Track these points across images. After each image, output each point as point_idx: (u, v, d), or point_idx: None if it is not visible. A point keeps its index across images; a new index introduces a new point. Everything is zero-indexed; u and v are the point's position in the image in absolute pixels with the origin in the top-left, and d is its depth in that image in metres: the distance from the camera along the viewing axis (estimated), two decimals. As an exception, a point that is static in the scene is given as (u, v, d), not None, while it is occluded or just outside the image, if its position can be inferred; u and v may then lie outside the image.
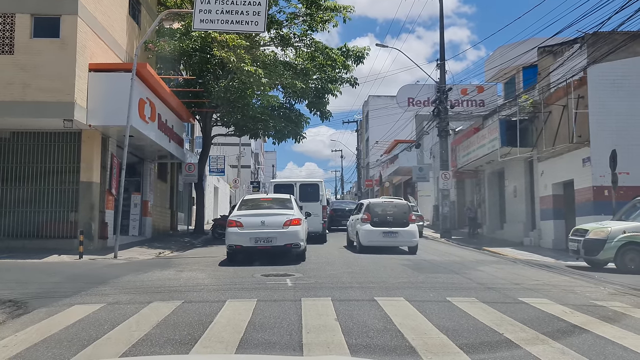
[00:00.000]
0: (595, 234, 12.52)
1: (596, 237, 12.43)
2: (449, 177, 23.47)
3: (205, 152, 23.84)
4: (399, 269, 11.13)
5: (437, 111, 23.91)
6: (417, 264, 12.27)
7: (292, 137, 24.73)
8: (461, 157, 23.61)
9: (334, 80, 24.18)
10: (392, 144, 41.08)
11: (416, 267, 11.56)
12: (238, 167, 60.90)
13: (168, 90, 18.40)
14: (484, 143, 20.23)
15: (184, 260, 13.19)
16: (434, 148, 32.67)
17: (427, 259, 13.43)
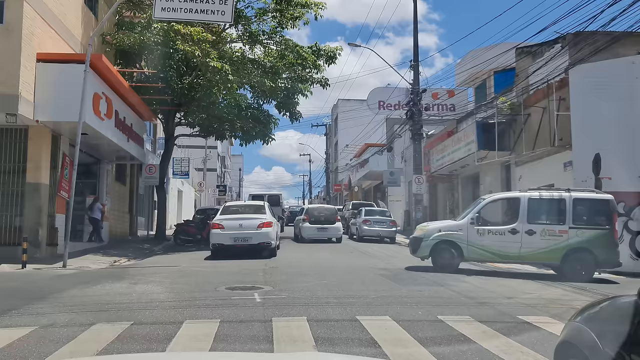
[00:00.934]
0: (417, 231, 13.18)
1: (417, 235, 12.98)
2: (422, 182, 22.79)
3: (167, 153, 22.56)
4: (377, 280, 10.21)
5: (410, 114, 23.22)
6: (395, 274, 11.37)
7: (260, 138, 23.68)
8: (435, 161, 22.97)
9: (304, 80, 23.24)
10: (362, 148, 40.38)
11: (395, 277, 10.66)
12: (204, 170, 59.26)
13: (127, 85, 17.10)
14: (460, 146, 19.59)
15: (141, 271, 11.98)
16: (406, 152, 32.03)
17: (403, 268, 12.55)
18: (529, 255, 12.01)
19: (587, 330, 2.89)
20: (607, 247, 11.53)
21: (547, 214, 12.24)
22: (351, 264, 13.54)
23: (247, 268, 12.04)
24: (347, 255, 15.70)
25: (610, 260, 11.52)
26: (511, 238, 11.92)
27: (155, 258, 15.90)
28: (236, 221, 15.30)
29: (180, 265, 12.79)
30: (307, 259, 15.11)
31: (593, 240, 11.54)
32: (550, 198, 12.29)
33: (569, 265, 11.61)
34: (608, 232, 11.60)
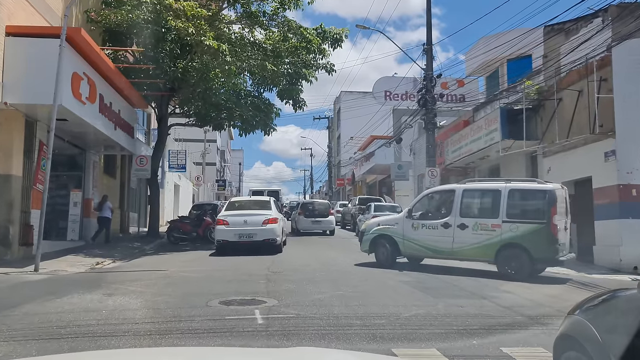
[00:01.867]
0: (363, 226, 13.34)
1: (362, 229, 13.20)
2: (436, 175, 21.07)
3: (160, 143, 20.81)
4: (403, 289, 8.51)
5: (423, 101, 21.47)
6: (420, 281, 9.67)
7: (261, 128, 21.91)
8: (450, 152, 21.26)
9: (308, 65, 21.52)
10: (367, 140, 38.61)
11: (422, 286, 8.95)
12: (203, 164, 57.65)
13: (112, 66, 15.36)
14: (480, 136, 17.87)
15: (122, 276, 10.29)
16: (415, 144, 30.31)
17: (427, 273, 10.85)
18: (461, 251, 11.25)
19: (587, 323, 2.90)
20: (543, 243, 10.39)
21: (481, 207, 11.55)
22: (364, 267, 11.88)
23: (247, 272, 10.36)
24: (357, 255, 14.06)
25: (546, 258, 10.48)
26: (444, 233, 11.35)
27: (143, 259, 14.20)
28: (241, 217, 15.10)
29: (169, 269, 11.09)
30: (314, 260, 13.45)
31: (528, 235, 10.50)
32: (485, 190, 11.74)
33: (503, 262, 10.71)
34: (544, 227, 10.41)
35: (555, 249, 10.37)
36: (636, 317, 2.62)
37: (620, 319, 2.75)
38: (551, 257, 10.41)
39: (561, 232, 10.54)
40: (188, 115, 22.20)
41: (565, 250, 10.83)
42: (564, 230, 10.77)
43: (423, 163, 28.80)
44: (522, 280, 9.86)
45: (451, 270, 11.09)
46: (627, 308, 2.76)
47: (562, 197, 10.83)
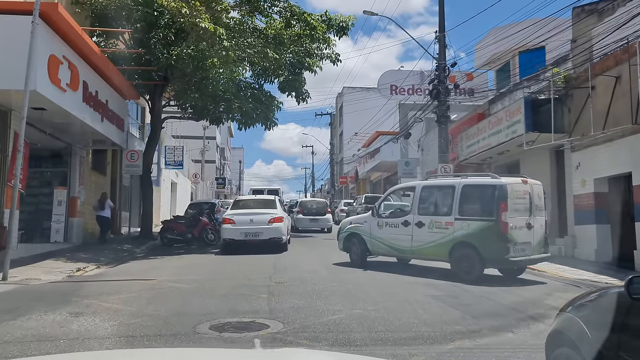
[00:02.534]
0: (340, 224, 13.44)
1: (339, 228, 13.30)
2: (449, 171, 19.60)
3: (154, 137, 19.34)
4: (433, 307, 7.05)
5: (435, 93, 20.02)
6: (448, 292, 8.26)
7: (262, 122, 20.49)
8: (464, 147, 19.80)
9: (312, 55, 20.11)
10: (372, 137, 37.12)
11: (455, 302, 7.51)
12: (202, 161, 56.25)
13: (98, 51, 13.92)
14: (500, 129, 16.43)
15: (101, 287, 8.87)
16: (423, 140, 28.87)
17: (452, 282, 9.42)
18: (419, 250, 10.98)
19: (577, 319, 3.00)
20: (492, 241, 9.80)
21: (437, 204, 11.13)
22: (378, 274, 10.50)
23: (246, 282, 8.95)
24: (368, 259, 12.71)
25: (495, 257, 9.84)
26: (404, 231, 11.17)
27: (131, 265, 12.78)
28: (247, 216, 15.27)
29: (157, 278, 9.66)
30: (320, 264, 12.06)
31: (478, 233, 10.00)
32: (441, 186, 11.41)
33: (456, 262, 10.24)
34: (493, 224, 9.84)
35: (506, 248, 9.67)
36: (623, 314, 2.73)
37: (609, 316, 2.81)
38: (500, 256, 9.73)
39: (516, 230, 9.85)
40: (184, 108, 20.79)
41: (529, 249, 10.07)
42: (526, 228, 10.04)
43: (432, 159, 27.40)
44: (472, 281, 9.27)
45: (486, 279, 9.66)
46: (615, 305, 2.82)
47: (522, 192, 10.15)
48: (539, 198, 10.48)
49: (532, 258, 10.19)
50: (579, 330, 2.92)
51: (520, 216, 9.97)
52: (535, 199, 10.27)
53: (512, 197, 9.87)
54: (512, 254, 9.72)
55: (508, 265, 10.10)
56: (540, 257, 10.45)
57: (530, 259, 10.16)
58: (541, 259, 10.57)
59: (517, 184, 10.24)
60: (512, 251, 9.72)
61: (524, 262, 10.13)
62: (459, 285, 9.12)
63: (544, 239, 10.53)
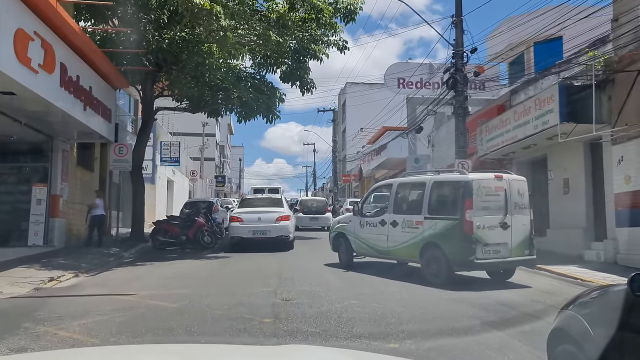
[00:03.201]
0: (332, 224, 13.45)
1: (330, 228, 13.18)
2: (467, 168, 17.98)
3: (145, 130, 17.71)
4: (511, 351, 5.38)
5: (452, 82, 18.39)
6: (487, 307, 6.64)
7: (263, 114, 18.90)
8: (484, 141, 18.18)
9: (318, 42, 18.54)
10: (379, 132, 35.46)
11: (500, 318, 5.89)
12: (201, 159, 54.70)
13: (78, 29, 12.31)
14: (528, 120, 14.80)
15: (68, 305, 7.24)
16: (435, 135, 27.24)
17: (487, 295, 7.83)
18: (394, 250, 10.55)
19: (579, 317, 2.97)
20: (457, 242, 9.27)
21: (409, 202, 10.78)
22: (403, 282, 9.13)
23: (245, 300, 7.33)
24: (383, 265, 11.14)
25: (460, 259, 9.26)
26: (381, 230, 10.82)
27: (114, 273, 11.17)
28: (255, 214, 15.49)
29: (138, 293, 8.05)
30: (332, 273, 10.51)
31: (444, 233, 9.52)
32: (414, 183, 10.97)
33: (425, 263, 9.75)
34: (458, 223, 9.31)
35: (471, 249, 9.06)
36: (627, 312, 2.74)
37: (612, 313, 2.78)
38: (464, 258, 9.15)
39: (484, 230, 9.17)
40: (180, 99, 19.17)
41: (505, 251, 9.33)
42: (500, 228, 9.30)
43: (444, 156, 25.79)
44: (441, 285, 8.75)
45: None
46: (617, 303, 2.80)
47: (495, 188, 9.46)
48: (520, 195, 9.72)
49: (509, 260, 9.44)
50: (581, 328, 2.89)
51: (491, 215, 9.30)
52: (514, 196, 9.57)
53: (479, 194, 9.28)
54: (480, 256, 9.06)
55: (474, 268, 9.41)
56: (520, 260, 9.65)
57: (506, 261, 9.41)
58: (522, 262, 9.78)
59: (487, 180, 9.61)
60: (480, 252, 9.07)
61: (496, 264, 9.44)
62: (422, 288, 8.61)
63: (529, 239, 9.71)
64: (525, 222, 9.65)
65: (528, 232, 9.68)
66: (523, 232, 9.57)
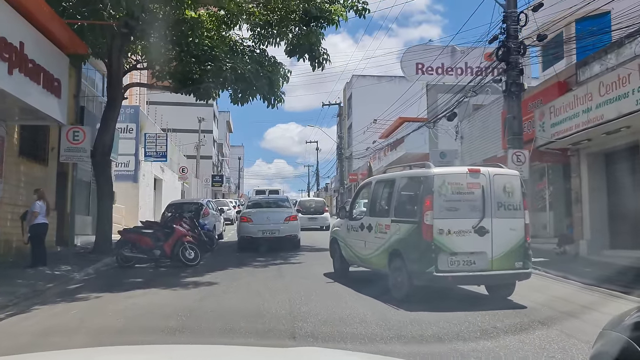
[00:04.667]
0: None
1: None
2: (523, 160, 14.10)
3: (112, 111, 13.72)
4: None
5: (503, 52, 14.50)
6: None
7: (265, 96, 15.10)
8: (547, 126, 14.31)
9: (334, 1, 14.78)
10: (394, 124, 31.45)
11: None
12: (197, 157, 50.85)
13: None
14: (624, 92, 10.97)
15: None
16: (464, 125, 23.32)
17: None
18: (370, 259, 9.17)
19: (629, 340, 2.52)
20: (415, 250, 7.75)
21: (381, 202, 9.32)
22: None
23: None
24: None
25: (418, 271, 7.60)
26: (361, 236, 9.49)
27: (31, 317, 7.22)
28: (264, 215, 15.87)
29: None
30: (356, 299, 6.85)
31: (406, 239, 8.04)
32: (386, 180, 9.49)
33: (392, 275, 8.20)
34: (417, 228, 7.78)
35: (429, 259, 7.52)
36: None
37: None
38: (421, 270, 7.60)
39: (450, 237, 7.61)
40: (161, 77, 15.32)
41: (482, 262, 7.62)
42: (474, 233, 7.67)
43: (475, 149, 21.91)
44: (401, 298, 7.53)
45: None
46: None
47: (467, 185, 7.86)
48: (507, 193, 7.97)
49: (488, 274, 7.71)
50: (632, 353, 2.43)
51: (461, 217, 7.73)
52: (497, 194, 7.88)
53: (442, 192, 7.78)
54: (443, 268, 7.50)
55: (434, 283, 7.72)
56: (508, 274, 7.85)
57: (484, 275, 7.71)
58: (510, 277, 7.93)
59: (455, 175, 8.09)
60: (444, 264, 7.52)
61: (467, 279, 7.82)
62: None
63: (522, 249, 7.92)
64: (516, 226, 7.88)
65: (520, 240, 7.88)
66: (511, 240, 7.81)
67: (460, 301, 7.82)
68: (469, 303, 7.66)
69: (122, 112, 23.95)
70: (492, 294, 8.26)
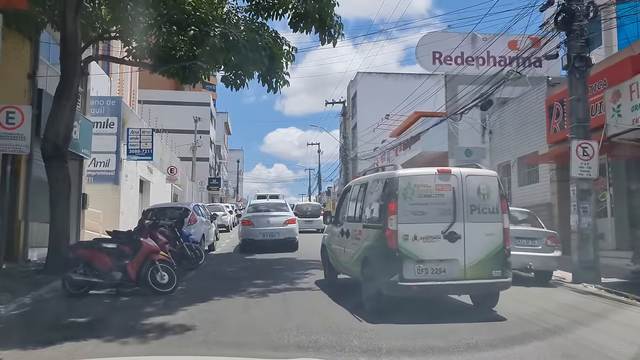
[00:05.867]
0: None
1: None
2: (591, 154, 11.08)
3: (66, 87, 10.48)
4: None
5: (563, 19, 11.52)
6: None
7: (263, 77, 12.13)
8: (624, 110, 11.33)
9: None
10: (409, 119, 28.33)
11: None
12: (193, 158, 47.89)
13: None
14: None
15: None
16: (495, 120, 20.28)
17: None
18: (348, 266, 8.75)
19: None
20: (380, 256, 7.33)
21: (357, 206, 8.84)
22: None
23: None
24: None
25: (383, 279, 7.09)
26: (342, 242, 9.08)
27: None
28: (264, 218, 16.68)
29: None
30: None
31: (373, 245, 7.62)
32: (362, 183, 8.98)
33: (365, 283, 7.77)
34: (381, 234, 7.31)
35: (394, 266, 6.95)
36: None
37: None
38: (386, 278, 7.00)
39: (416, 243, 7.04)
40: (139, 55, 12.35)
41: (454, 270, 7.03)
42: (444, 239, 7.08)
43: (510, 145, 18.87)
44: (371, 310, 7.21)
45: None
46: None
47: (436, 187, 7.26)
48: (483, 196, 7.30)
49: (461, 284, 7.09)
50: None
51: (428, 222, 7.13)
52: (470, 197, 7.24)
53: (409, 194, 7.19)
54: (409, 276, 6.92)
55: (398, 292, 7.05)
56: (483, 283, 7.13)
57: (456, 284, 7.10)
58: (486, 286, 7.23)
59: (422, 177, 7.40)
60: (410, 272, 6.94)
61: (437, 288, 7.14)
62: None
63: (500, 255, 7.20)
64: (493, 231, 7.24)
65: (498, 246, 7.21)
66: (488, 246, 7.17)
67: (432, 313, 7.36)
68: (446, 314, 7.32)
69: (102, 104, 21.03)
70: (476, 305, 7.80)
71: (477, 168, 8.04)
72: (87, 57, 10.95)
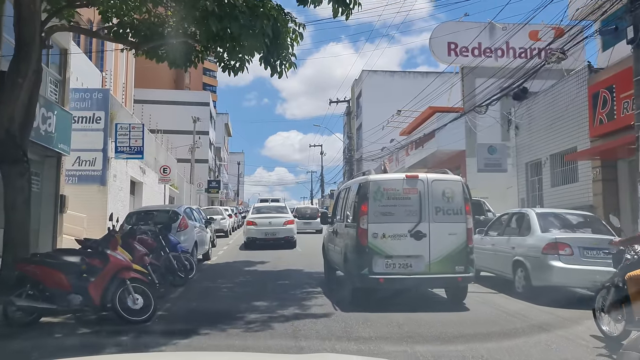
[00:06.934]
0: None
1: None
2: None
3: (23, 60, 8.36)
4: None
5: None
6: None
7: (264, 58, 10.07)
8: None
9: None
10: (423, 115, 26.24)
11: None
12: (192, 160, 45.92)
13: None
14: None
15: None
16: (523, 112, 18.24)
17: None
18: (339, 263, 9.45)
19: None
20: (353, 252, 8.26)
21: (344, 208, 9.54)
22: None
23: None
24: None
25: (355, 273, 8.12)
26: (335, 241, 9.84)
27: None
28: (266, 219, 18.66)
29: None
30: None
31: (349, 243, 8.58)
32: (347, 187, 9.98)
33: (346, 277, 9.06)
34: (355, 232, 8.17)
35: (364, 261, 7.85)
36: None
37: None
38: (357, 271, 7.95)
39: (385, 240, 7.86)
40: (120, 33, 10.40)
41: (419, 265, 7.87)
42: (411, 237, 7.90)
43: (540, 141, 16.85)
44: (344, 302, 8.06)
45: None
46: None
47: (403, 190, 8.04)
48: (448, 198, 8.09)
49: (426, 277, 7.96)
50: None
51: (396, 222, 7.95)
52: (435, 199, 8.04)
53: (378, 197, 8.01)
54: (378, 270, 7.80)
55: (367, 284, 7.97)
56: (447, 277, 8.00)
57: (421, 278, 7.94)
58: (449, 281, 8.09)
59: (391, 181, 8.31)
60: (379, 266, 7.82)
61: (403, 281, 7.92)
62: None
63: (463, 252, 8.01)
64: (456, 231, 8.03)
65: (461, 244, 7.99)
66: (451, 244, 7.98)
67: (404, 304, 7.82)
68: (416, 306, 7.85)
69: (88, 97, 19.03)
70: (449, 297, 8.53)
71: (444, 174, 8.72)
72: (49, 26, 8.94)
